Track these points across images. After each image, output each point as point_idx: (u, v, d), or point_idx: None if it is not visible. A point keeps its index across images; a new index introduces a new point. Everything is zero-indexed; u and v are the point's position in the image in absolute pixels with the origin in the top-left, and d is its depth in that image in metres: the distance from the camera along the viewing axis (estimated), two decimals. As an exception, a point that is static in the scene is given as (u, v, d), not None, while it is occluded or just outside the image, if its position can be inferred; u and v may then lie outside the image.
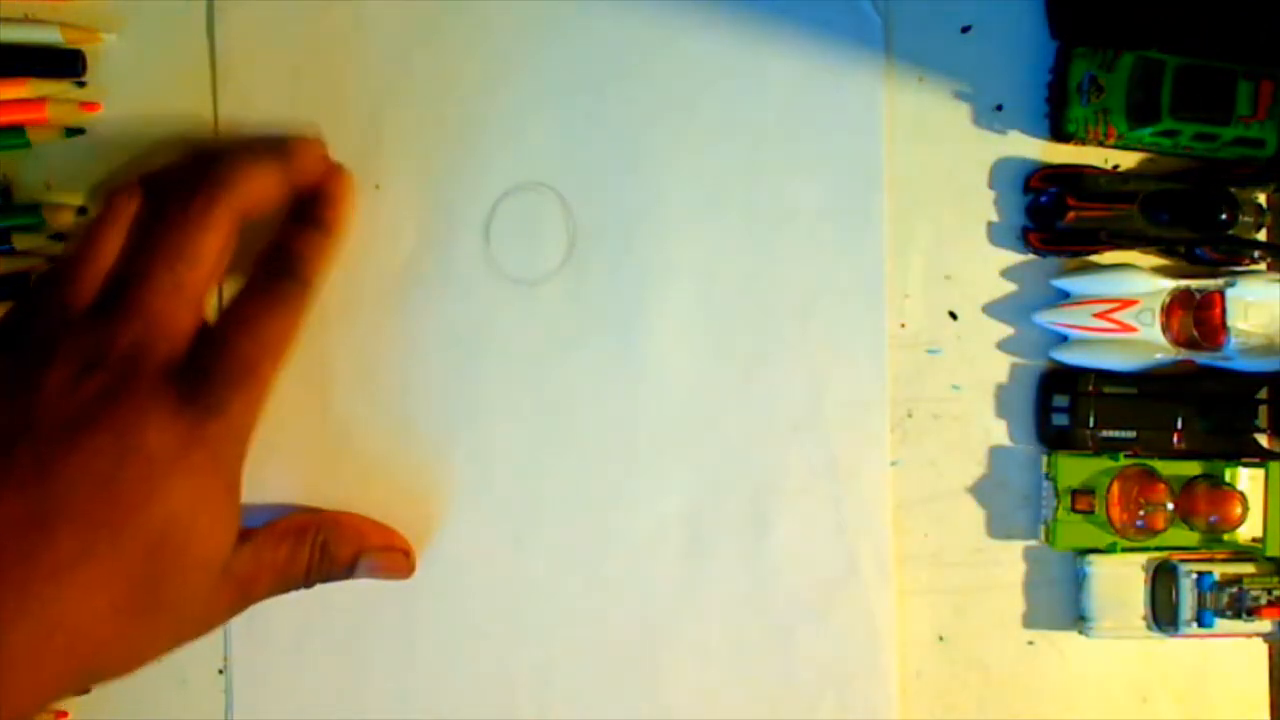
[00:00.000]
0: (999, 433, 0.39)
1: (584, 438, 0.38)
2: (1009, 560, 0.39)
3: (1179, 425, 0.38)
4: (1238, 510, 0.37)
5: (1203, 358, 0.38)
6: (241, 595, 0.34)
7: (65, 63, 0.37)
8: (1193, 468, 0.38)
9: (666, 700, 0.38)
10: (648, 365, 0.38)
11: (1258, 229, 0.37)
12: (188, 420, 0.31)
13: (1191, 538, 0.38)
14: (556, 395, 0.38)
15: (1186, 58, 0.36)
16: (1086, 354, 0.38)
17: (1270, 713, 0.39)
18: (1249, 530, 0.38)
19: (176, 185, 0.33)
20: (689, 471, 0.38)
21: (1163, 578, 0.38)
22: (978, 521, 0.39)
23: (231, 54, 0.38)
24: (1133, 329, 0.37)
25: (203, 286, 0.33)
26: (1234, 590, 0.37)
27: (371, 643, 0.38)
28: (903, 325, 0.39)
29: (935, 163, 0.39)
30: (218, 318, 0.33)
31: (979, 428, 0.39)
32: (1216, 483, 0.38)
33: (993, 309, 0.39)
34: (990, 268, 0.39)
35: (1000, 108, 0.39)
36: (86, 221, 0.33)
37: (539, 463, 0.38)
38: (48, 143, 0.37)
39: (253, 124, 0.37)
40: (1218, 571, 0.37)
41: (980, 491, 0.39)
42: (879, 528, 0.38)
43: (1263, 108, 0.36)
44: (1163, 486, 0.37)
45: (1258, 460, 0.38)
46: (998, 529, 0.39)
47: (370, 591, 0.37)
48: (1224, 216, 0.37)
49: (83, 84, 0.37)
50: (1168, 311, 0.38)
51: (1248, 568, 0.38)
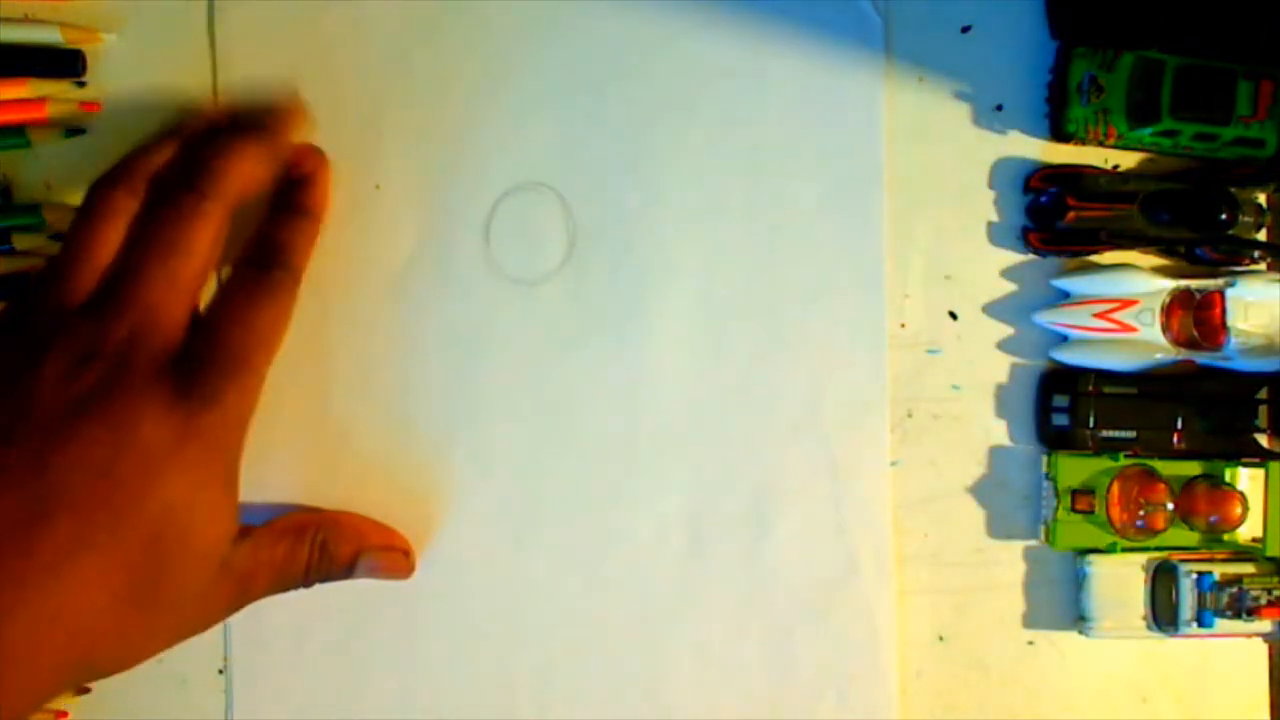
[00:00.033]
0: (999, 433, 0.39)
1: (584, 438, 0.38)
2: (1009, 560, 0.39)
3: (1179, 425, 0.38)
4: (1238, 510, 0.37)
5: (1203, 358, 0.38)
6: (240, 591, 0.34)
7: (65, 63, 0.37)
8: (1193, 468, 0.38)
9: (666, 700, 0.38)
10: (648, 365, 0.38)
11: (1258, 229, 0.37)
12: (183, 412, 0.31)
13: (1191, 538, 0.38)
14: (556, 395, 0.38)
15: (1186, 58, 0.36)
16: (1086, 354, 0.38)
17: (1270, 713, 0.39)
18: (1249, 530, 0.38)
19: (167, 178, 0.33)
20: (689, 471, 0.38)
21: (1163, 578, 0.38)
22: (978, 521, 0.39)
23: (231, 54, 0.38)
24: (1133, 329, 0.37)
25: (196, 278, 0.33)
26: (1234, 590, 0.37)
27: (371, 643, 0.38)
28: (903, 325, 0.39)
29: (935, 162, 0.38)
30: (209, 310, 0.33)
31: (979, 428, 0.39)
32: (1216, 483, 0.38)
33: (993, 309, 0.39)
34: (990, 268, 0.39)
35: (1000, 108, 0.39)
36: (79, 217, 0.33)
37: (539, 463, 0.38)
38: (48, 143, 0.37)
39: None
40: (1218, 571, 0.37)
41: (980, 491, 0.39)
42: (879, 528, 0.38)
43: (1263, 108, 0.36)
44: (1163, 486, 0.37)
45: (1258, 460, 0.38)
46: (998, 529, 0.39)
47: (370, 591, 0.37)
48: (1224, 216, 0.37)
49: (83, 84, 0.37)
50: (1168, 311, 0.37)
51: (1248, 568, 0.38)
